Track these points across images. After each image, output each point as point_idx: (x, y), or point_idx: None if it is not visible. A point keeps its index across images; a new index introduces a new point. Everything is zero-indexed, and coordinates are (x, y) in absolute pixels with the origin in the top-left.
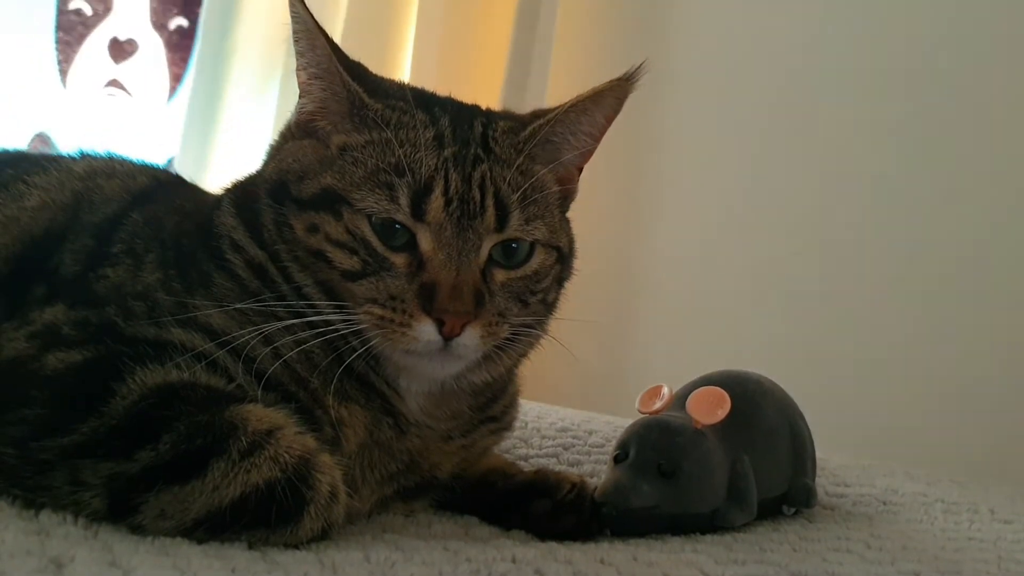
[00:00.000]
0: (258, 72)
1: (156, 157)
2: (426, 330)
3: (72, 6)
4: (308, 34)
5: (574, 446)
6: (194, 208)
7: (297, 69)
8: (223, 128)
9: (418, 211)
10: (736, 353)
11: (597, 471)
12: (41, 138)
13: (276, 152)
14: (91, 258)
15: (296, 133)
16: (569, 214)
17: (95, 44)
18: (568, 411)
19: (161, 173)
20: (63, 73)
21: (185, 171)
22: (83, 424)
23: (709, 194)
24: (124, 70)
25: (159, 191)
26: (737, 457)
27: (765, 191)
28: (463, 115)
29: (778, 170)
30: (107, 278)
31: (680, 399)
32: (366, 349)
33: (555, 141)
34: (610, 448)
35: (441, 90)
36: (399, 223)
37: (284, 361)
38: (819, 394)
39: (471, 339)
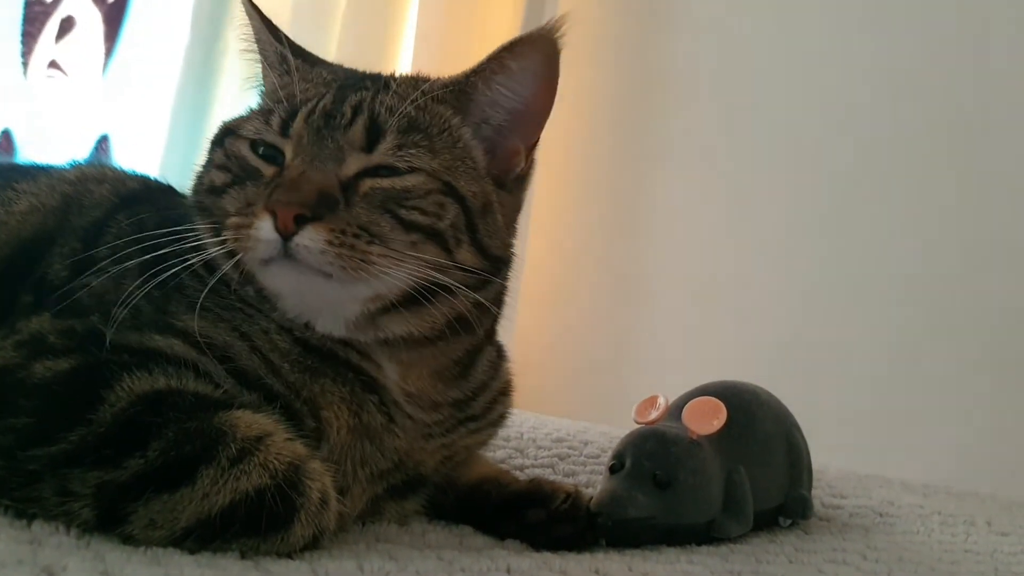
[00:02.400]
0: (248, 76)
1: (92, 134)
2: (264, 226)
3: None
4: (248, 17)
5: (570, 456)
6: (177, 212)
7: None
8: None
9: (285, 129)
10: (733, 364)
11: (593, 481)
12: (6, 136)
13: None
14: (78, 263)
15: None
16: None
17: (49, 30)
18: (564, 421)
19: (152, 180)
20: (25, 65)
21: (171, 176)
22: (71, 433)
23: (707, 205)
24: (62, 49)
25: (147, 195)
26: (733, 468)
27: (764, 203)
28: (381, 75)
29: (778, 181)
30: (91, 287)
31: (676, 409)
32: (256, 290)
33: (468, 92)
34: (606, 458)
35: None
36: (269, 143)
37: (258, 352)
38: (816, 405)
39: (312, 241)
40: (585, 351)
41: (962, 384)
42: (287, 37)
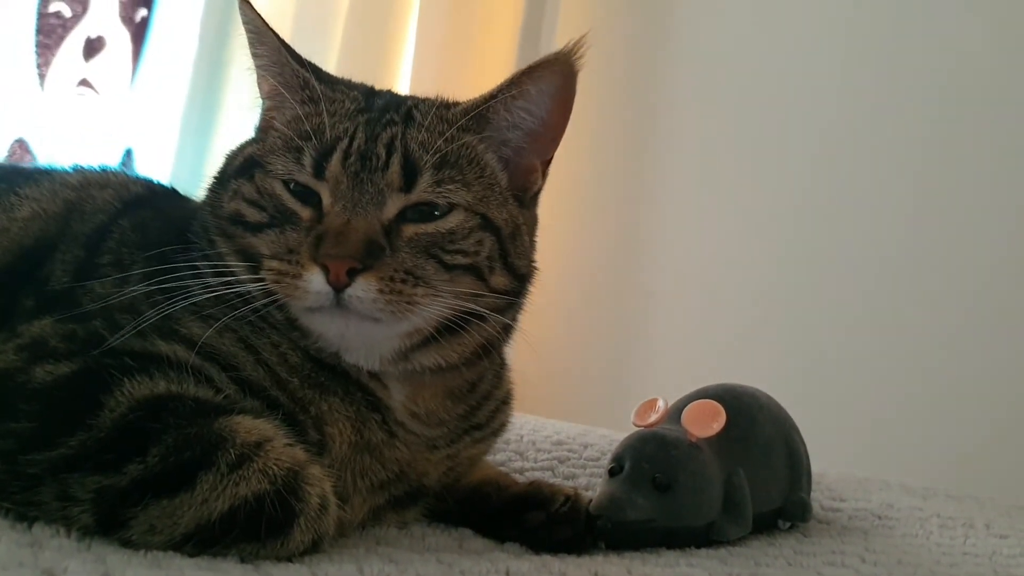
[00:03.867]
0: (252, 85)
1: (118, 149)
2: (314, 279)
3: (52, 8)
4: (259, 34)
5: (569, 459)
6: (179, 216)
7: (257, 78)
8: (221, 139)
9: (319, 170)
10: (732, 367)
11: (592, 484)
12: (20, 144)
13: None
14: (80, 269)
15: (257, 136)
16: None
17: (72, 45)
18: (564, 424)
19: (155, 184)
20: (42, 77)
21: (180, 183)
22: (71, 437)
23: (710, 209)
24: (93, 68)
25: (150, 200)
26: (732, 471)
27: (768, 206)
28: (401, 100)
29: (782, 184)
30: (94, 291)
31: (675, 412)
32: (286, 317)
33: (489, 117)
34: (605, 461)
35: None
36: (302, 184)
37: (264, 364)
38: (815, 408)
39: (364, 291)
40: (585, 354)
41: (962, 387)
42: (308, 60)
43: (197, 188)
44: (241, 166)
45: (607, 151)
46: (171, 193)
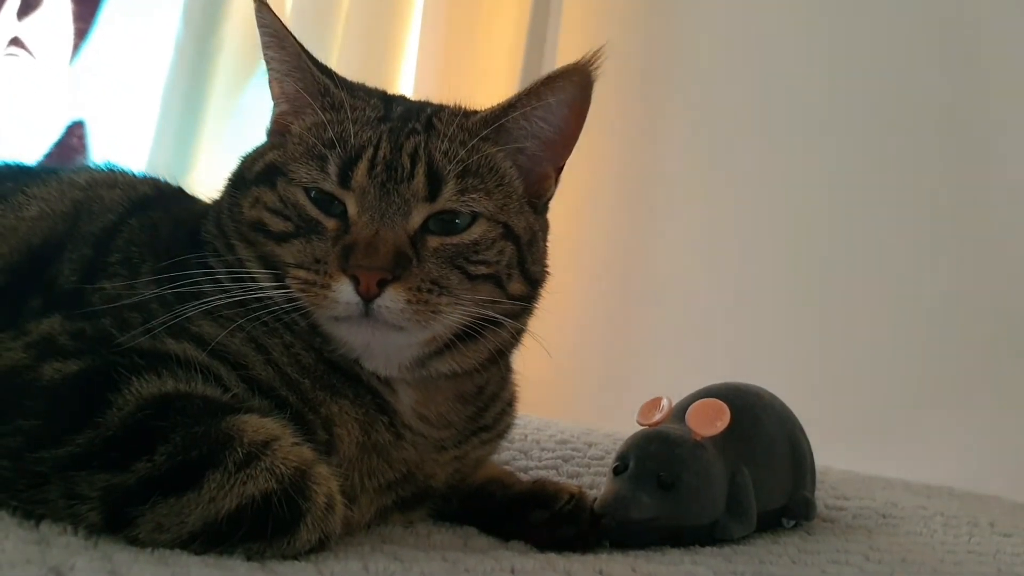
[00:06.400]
0: (241, 73)
1: (58, 120)
2: (344, 289)
3: None
4: (278, 39)
5: (574, 458)
6: (188, 216)
7: (269, 80)
8: (206, 130)
9: (345, 179)
10: (736, 365)
11: (597, 483)
12: None
13: None
14: (89, 268)
15: (271, 139)
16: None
17: (10, 6)
18: (568, 423)
19: (163, 184)
20: None
21: (159, 170)
22: (78, 435)
23: (710, 207)
24: (27, 27)
25: (158, 200)
26: (737, 469)
27: (767, 204)
28: (419, 107)
29: (781, 182)
30: (103, 290)
31: (680, 411)
32: (309, 324)
33: (508, 127)
34: (610, 460)
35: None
36: (327, 192)
37: (274, 364)
38: (818, 406)
39: (393, 302)
40: (589, 353)
41: (965, 385)
42: (326, 65)
43: (181, 175)
44: (261, 173)
45: (612, 149)
46: (178, 193)
